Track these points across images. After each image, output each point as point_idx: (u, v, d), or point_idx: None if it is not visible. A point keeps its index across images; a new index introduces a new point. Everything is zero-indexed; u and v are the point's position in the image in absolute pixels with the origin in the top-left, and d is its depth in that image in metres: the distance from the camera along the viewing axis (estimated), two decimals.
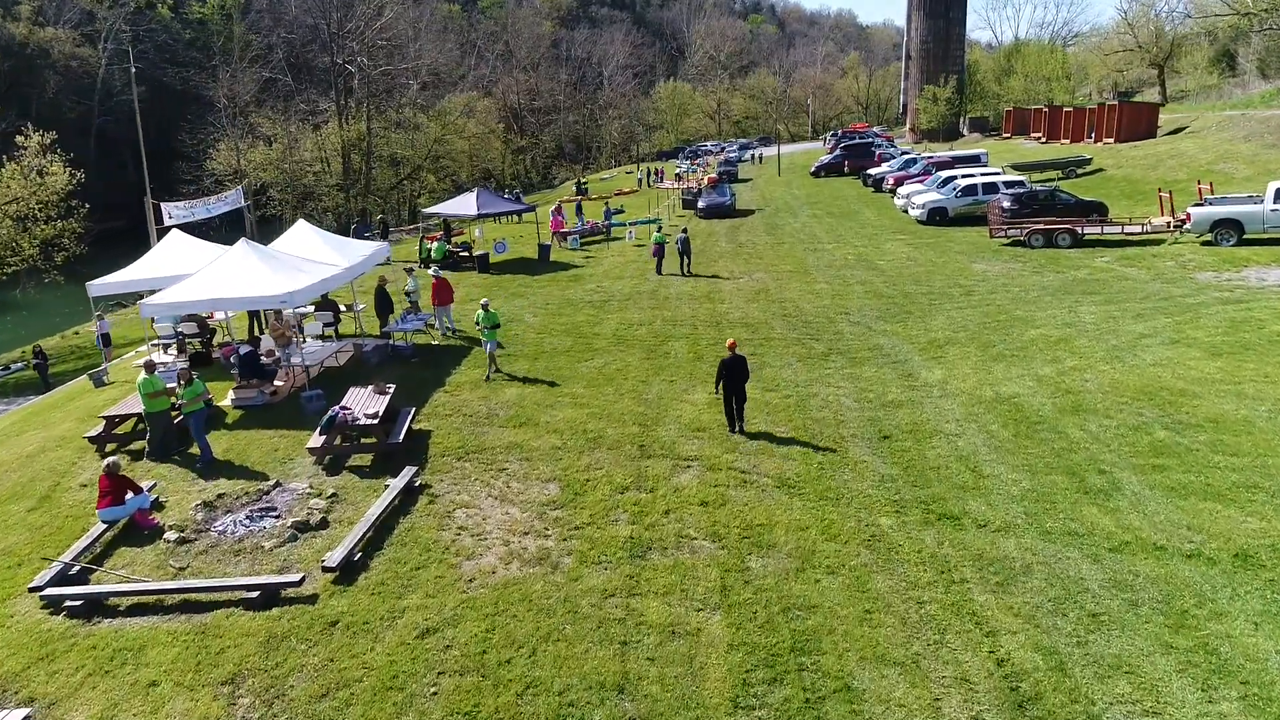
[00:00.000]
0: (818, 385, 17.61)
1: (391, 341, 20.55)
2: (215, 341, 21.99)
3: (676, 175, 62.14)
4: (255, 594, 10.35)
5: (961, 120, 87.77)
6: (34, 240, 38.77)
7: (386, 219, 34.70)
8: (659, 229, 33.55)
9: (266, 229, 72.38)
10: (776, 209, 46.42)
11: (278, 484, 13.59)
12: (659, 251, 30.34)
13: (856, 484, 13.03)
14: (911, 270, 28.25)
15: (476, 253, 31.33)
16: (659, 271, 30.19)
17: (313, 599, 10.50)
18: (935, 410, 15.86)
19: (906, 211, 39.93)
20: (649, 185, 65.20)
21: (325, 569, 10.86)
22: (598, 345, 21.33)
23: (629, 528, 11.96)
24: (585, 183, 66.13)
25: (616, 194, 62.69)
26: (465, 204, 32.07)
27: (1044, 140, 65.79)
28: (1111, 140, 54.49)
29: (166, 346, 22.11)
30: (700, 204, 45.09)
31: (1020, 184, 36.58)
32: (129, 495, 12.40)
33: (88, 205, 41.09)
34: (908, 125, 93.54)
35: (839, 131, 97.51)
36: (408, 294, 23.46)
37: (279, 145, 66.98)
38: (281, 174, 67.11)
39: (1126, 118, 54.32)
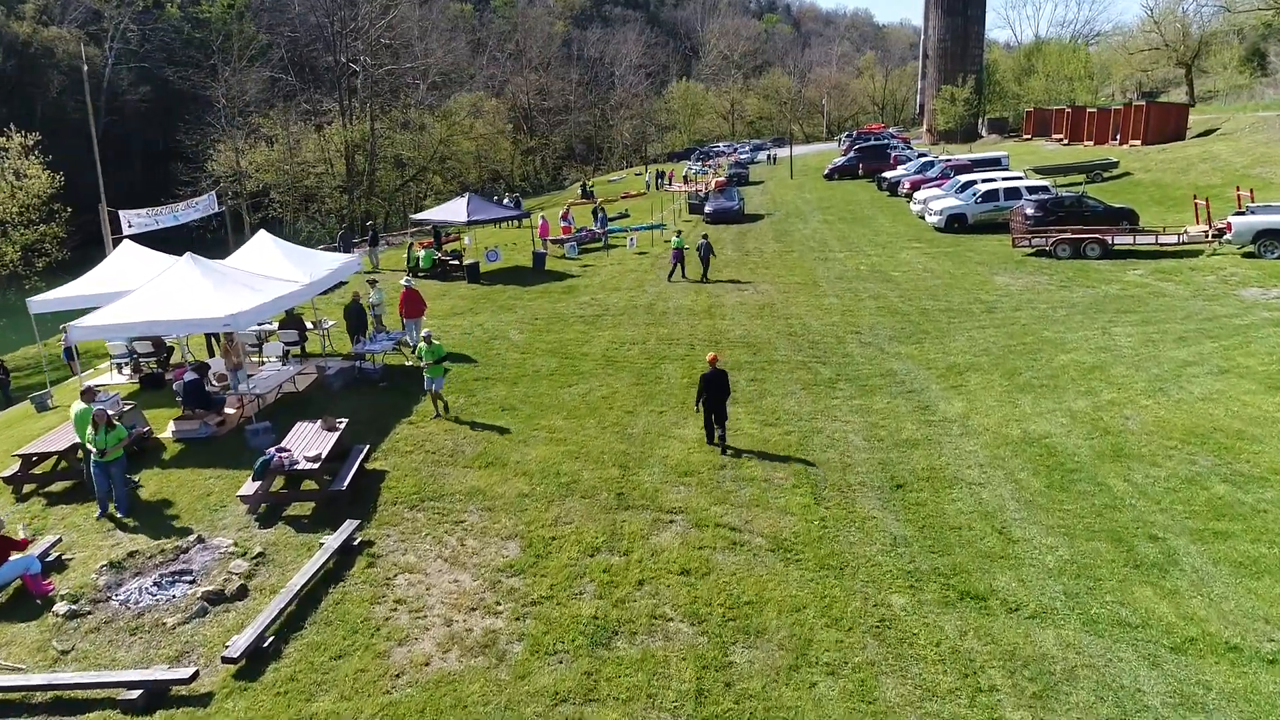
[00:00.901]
0: (823, 419, 15.75)
1: (359, 364, 18.82)
2: (172, 361, 20.34)
3: (684, 178, 60.26)
4: (136, 693, 8.61)
5: (980, 121, 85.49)
6: (15, 246, 37.45)
7: (375, 225, 32.96)
8: (677, 234, 31.95)
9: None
10: (787, 213, 44.51)
11: (200, 540, 11.87)
12: (677, 257, 28.92)
13: (864, 548, 11.18)
14: (928, 283, 26.32)
15: (466, 261, 29.59)
16: (679, 276, 28.81)
17: (206, 699, 8.76)
18: (955, 452, 13.98)
19: (923, 218, 37.95)
20: (657, 188, 63.28)
21: (225, 660, 9.10)
22: (584, 368, 19.54)
23: (594, 604, 10.16)
24: (591, 185, 64.04)
25: (623, 197, 60.95)
26: (455, 209, 30.34)
27: (1066, 142, 63.56)
28: (1138, 143, 52.25)
29: (121, 366, 20.50)
30: (707, 209, 43.24)
31: (1044, 189, 34.54)
32: (13, 555, 10.71)
33: (70, 209, 39.69)
34: (924, 126, 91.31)
35: (853, 132, 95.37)
36: (371, 308, 21.67)
37: (280, 146, 65.61)
38: (283, 175, 65.76)
39: (1154, 119, 52.04)
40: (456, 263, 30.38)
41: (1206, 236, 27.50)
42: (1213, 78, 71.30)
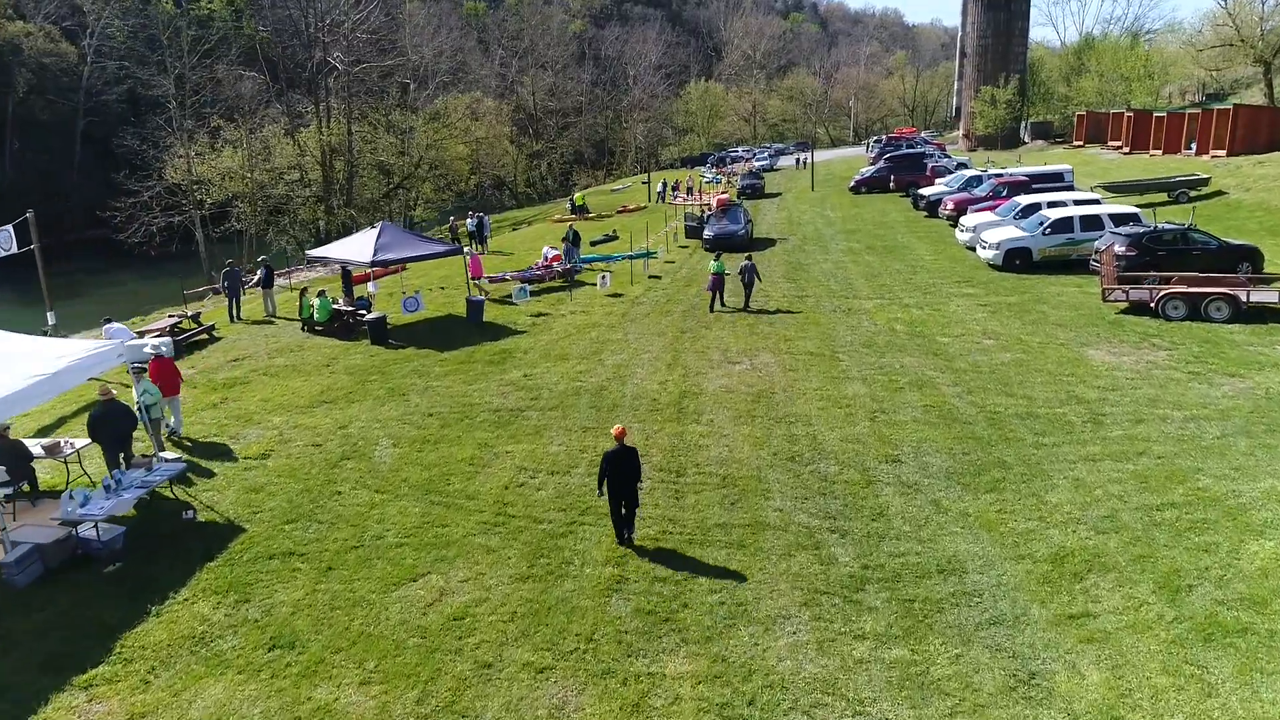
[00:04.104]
0: (838, 706, 8.29)
1: (76, 532, 11.54)
2: None
3: (688, 189, 52.65)
4: None
5: (1022, 125, 77.28)
6: None
7: (269, 261, 25.88)
8: (716, 256, 25.92)
9: (229, 249, 64.46)
10: (804, 238, 36.94)
11: None
12: (717, 284, 24.58)
13: None
14: (993, 360, 18.70)
15: (371, 315, 22.26)
16: (713, 307, 24.50)
17: None
18: None
19: (973, 250, 30.29)
20: (664, 200, 55.47)
21: None
22: (456, 531, 12.18)
23: None
24: (580, 199, 55.95)
25: (619, 211, 53.60)
26: (361, 244, 23.05)
27: (1127, 151, 55.52)
28: (1222, 153, 44.17)
29: None
30: (706, 233, 35.70)
31: (1134, 218, 26.77)
32: None
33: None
34: (961, 130, 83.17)
35: (882, 138, 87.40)
36: (145, 410, 14.19)
37: (243, 150, 58.76)
38: (248, 184, 58.95)
39: (1243, 125, 43.88)
40: (364, 313, 23.09)
41: None
42: None
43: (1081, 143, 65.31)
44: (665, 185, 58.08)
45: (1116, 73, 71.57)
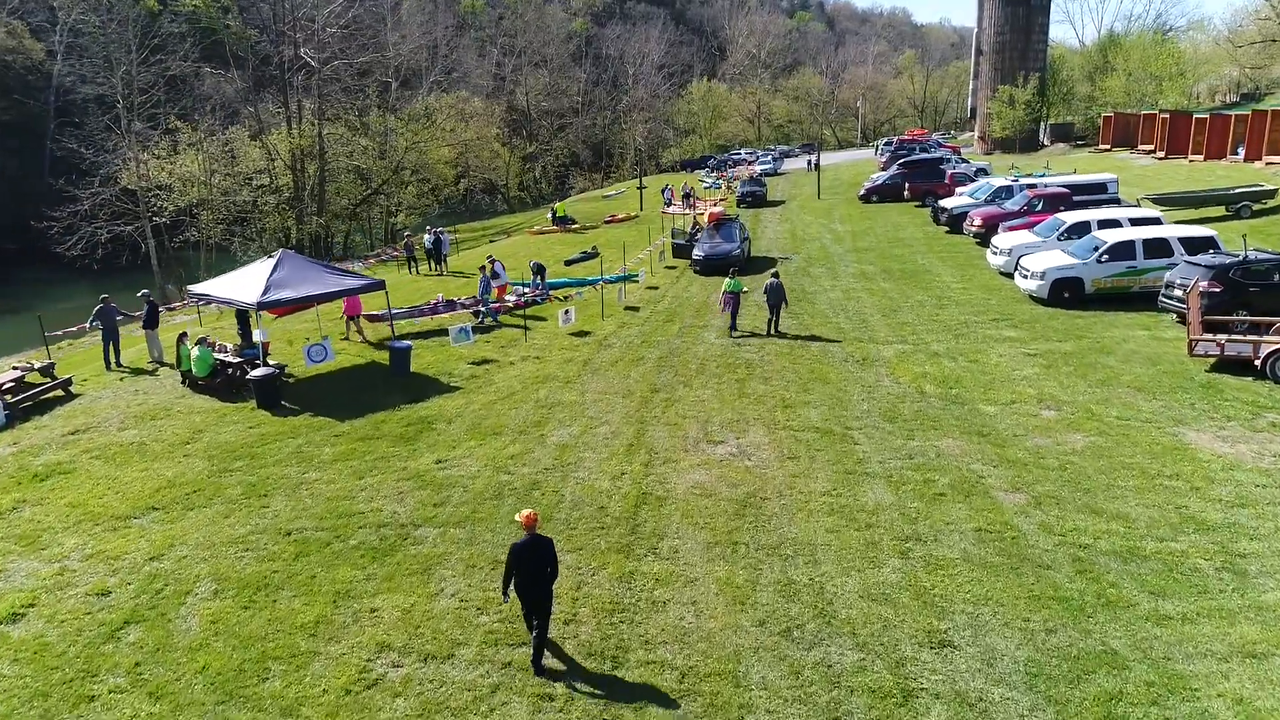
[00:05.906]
0: None
1: None
2: None
3: (684, 196, 47.83)
4: None
5: (1042, 127, 72.35)
6: None
7: (152, 295, 21.32)
8: (731, 271, 23.09)
9: (186, 260, 59.87)
10: (809, 258, 32.16)
11: None
12: (732, 303, 22.05)
13: None
14: (1061, 446, 13.92)
15: (257, 371, 17.51)
16: (733, 329, 21.98)
17: None
18: None
19: (1008, 277, 25.51)
20: (666, 208, 50.37)
21: None
22: None
23: None
24: (560, 209, 50.68)
25: (606, 221, 48.86)
26: (250, 280, 18.29)
27: (1161, 155, 50.72)
28: (1278, 159, 39.36)
29: None
30: (697, 253, 30.94)
31: (1212, 243, 21.99)
32: None
33: None
34: (976, 132, 78.22)
35: (893, 140, 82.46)
36: None
37: (204, 154, 54.23)
38: (209, 190, 54.46)
39: None
40: (259, 363, 18.33)
41: None
42: None
43: (1108, 146, 60.45)
44: (665, 190, 53.38)
45: (1145, 71, 66.61)
